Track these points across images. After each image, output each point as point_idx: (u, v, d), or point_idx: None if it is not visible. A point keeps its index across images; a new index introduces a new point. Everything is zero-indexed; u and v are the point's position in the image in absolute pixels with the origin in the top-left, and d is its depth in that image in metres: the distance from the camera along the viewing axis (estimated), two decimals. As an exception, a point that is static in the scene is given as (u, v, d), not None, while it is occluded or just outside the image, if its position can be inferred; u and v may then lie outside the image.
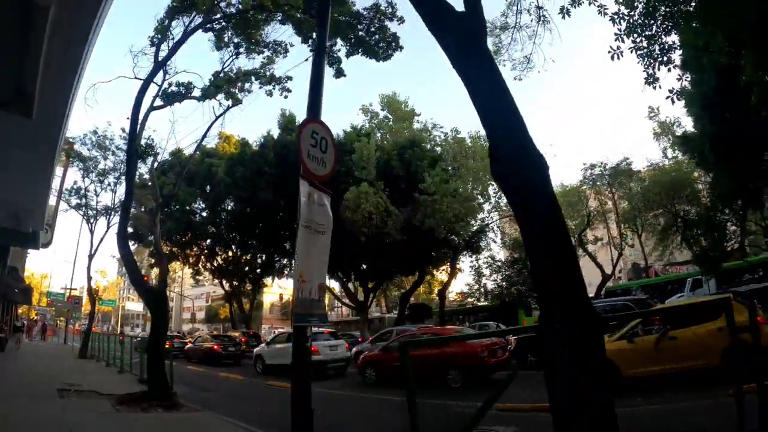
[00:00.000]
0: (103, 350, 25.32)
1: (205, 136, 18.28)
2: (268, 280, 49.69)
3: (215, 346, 27.09)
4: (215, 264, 46.01)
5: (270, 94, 17.03)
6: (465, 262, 39.29)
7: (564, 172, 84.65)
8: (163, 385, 12.10)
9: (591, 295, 31.63)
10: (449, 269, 37.67)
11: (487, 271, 38.74)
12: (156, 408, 10.89)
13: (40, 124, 8.29)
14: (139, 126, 14.11)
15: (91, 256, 29.90)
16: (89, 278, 30.57)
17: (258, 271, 45.56)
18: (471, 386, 13.82)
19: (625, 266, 52.11)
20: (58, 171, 36.45)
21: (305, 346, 6.29)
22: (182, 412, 10.98)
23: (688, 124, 32.74)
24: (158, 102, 15.71)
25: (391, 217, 28.93)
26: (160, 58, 14.47)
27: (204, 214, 42.59)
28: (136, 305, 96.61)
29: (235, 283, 46.06)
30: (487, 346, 15.24)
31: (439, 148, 35.78)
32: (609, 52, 8.80)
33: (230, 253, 45.28)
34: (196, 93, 16.46)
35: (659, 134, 36.37)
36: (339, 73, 14.71)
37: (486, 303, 39.74)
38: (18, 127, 8.45)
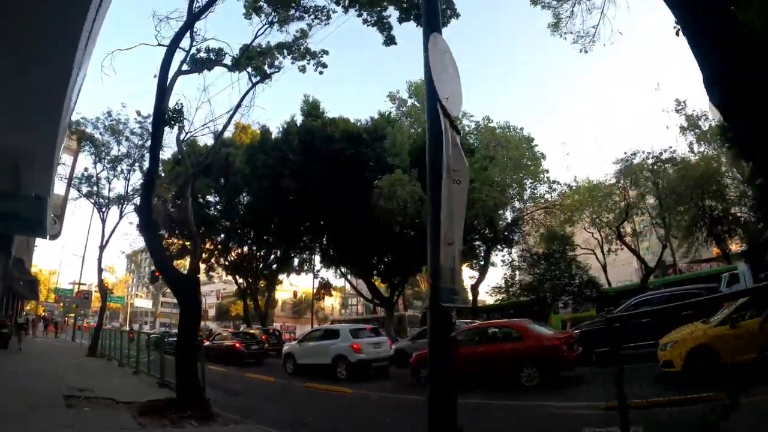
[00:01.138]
0: (114, 348, 23.29)
1: (236, 110, 16.11)
2: (282, 277, 47.72)
3: (237, 344, 24.82)
4: (228, 260, 44.29)
5: (303, 69, 15.57)
6: (497, 256, 37.15)
7: (588, 167, 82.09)
8: (195, 391, 9.96)
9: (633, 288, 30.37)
10: (481, 264, 35.50)
11: (523, 265, 36.42)
12: (189, 420, 8.80)
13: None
14: (167, 87, 12.13)
15: (102, 247, 27.93)
16: (100, 270, 28.60)
17: (273, 267, 43.88)
18: (548, 385, 12.45)
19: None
20: (68, 159, 34.79)
21: (452, 339, 4.40)
22: (221, 425, 8.91)
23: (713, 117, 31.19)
24: (186, 67, 13.86)
25: (425, 207, 26.93)
26: (195, 10, 12.47)
27: (218, 207, 40.75)
28: (145, 302, 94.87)
29: (249, 279, 44.31)
30: (565, 339, 13.46)
31: (471, 138, 33.82)
32: (674, 27, 7.35)
33: (245, 249, 43.45)
34: (227, 61, 14.70)
35: (686, 128, 34.25)
36: (390, 41, 13.06)
37: (500, 300, 37.58)
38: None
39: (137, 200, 30.96)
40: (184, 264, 68.16)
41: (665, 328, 12.13)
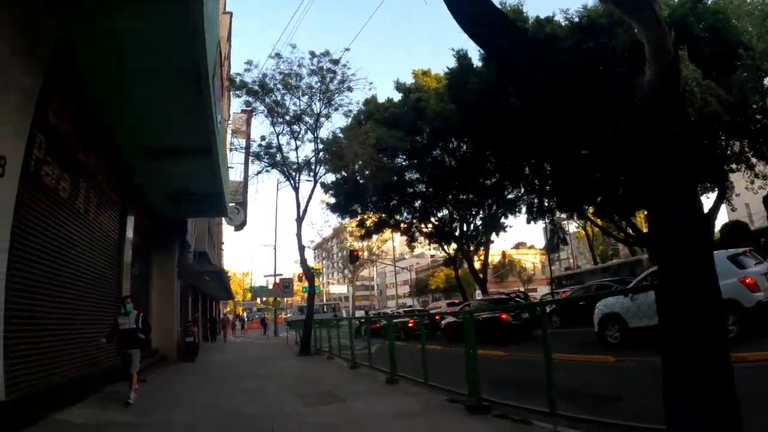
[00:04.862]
0: (330, 339, 18.84)
1: None
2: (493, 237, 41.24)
3: (503, 316, 17.92)
4: (429, 227, 39.21)
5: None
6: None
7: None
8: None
9: None
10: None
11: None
12: None
13: None
14: None
15: (299, 219, 22.95)
16: (302, 248, 23.41)
17: (479, 226, 38.30)
18: None
19: None
20: (242, 135, 30.81)
21: None
22: None
23: None
24: None
25: (707, 93, 19.32)
26: None
27: (409, 171, 35.67)
28: (340, 288, 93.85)
29: (454, 246, 39.21)
30: None
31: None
32: None
33: (446, 212, 38.32)
34: None
35: None
36: None
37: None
38: None
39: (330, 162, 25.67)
40: (371, 243, 63.67)
41: None
